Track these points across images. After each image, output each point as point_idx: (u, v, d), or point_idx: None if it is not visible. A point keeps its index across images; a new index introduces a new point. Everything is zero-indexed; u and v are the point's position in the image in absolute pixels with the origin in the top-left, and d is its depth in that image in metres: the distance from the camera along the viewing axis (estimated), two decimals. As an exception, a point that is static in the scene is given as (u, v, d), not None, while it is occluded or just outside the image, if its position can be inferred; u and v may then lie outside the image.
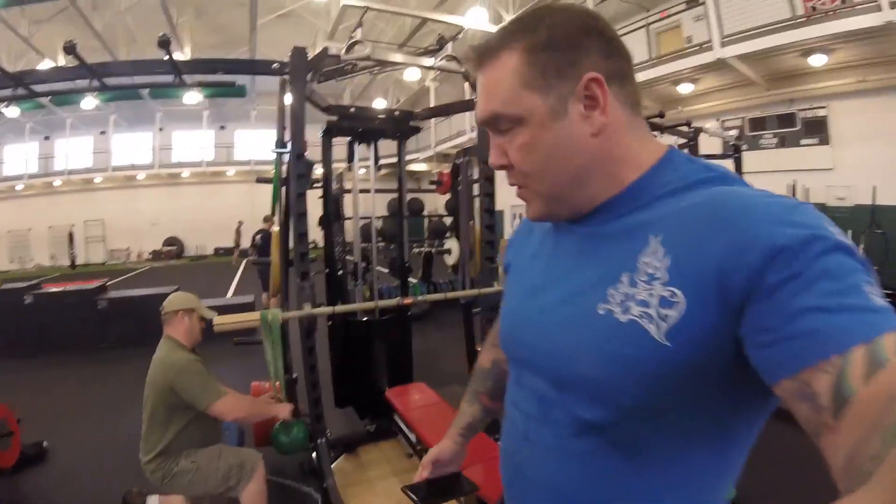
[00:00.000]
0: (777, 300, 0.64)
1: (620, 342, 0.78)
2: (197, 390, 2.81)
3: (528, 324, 0.98)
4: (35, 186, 25.15)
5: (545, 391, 0.92)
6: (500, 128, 0.89)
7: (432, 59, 3.95)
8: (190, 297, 3.20)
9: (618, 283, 0.81)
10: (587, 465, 0.86)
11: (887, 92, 9.77)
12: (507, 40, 0.86)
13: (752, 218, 0.70)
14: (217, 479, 2.88)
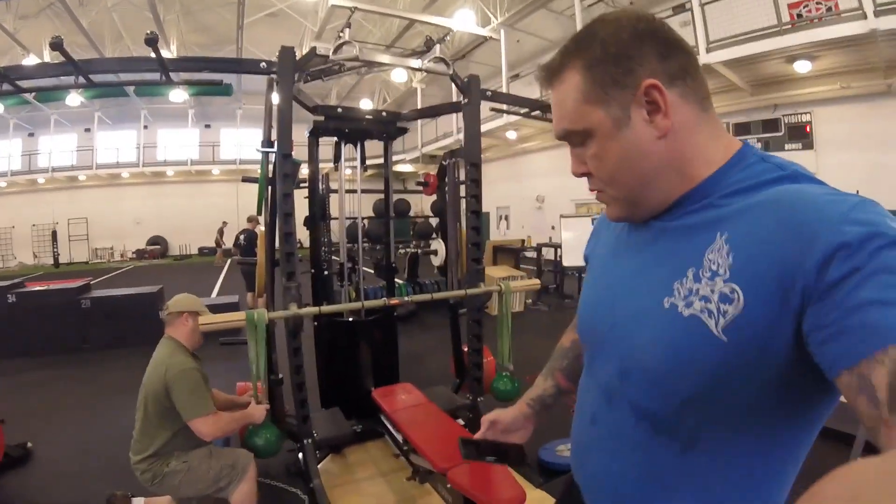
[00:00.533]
0: (837, 295, 0.65)
1: (681, 335, 0.82)
2: (187, 401, 2.79)
3: (602, 314, 1.04)
4: (18, 184, 24.87)
5: (611, 379, 0.99)
6: (573, 141, 0.96)
7: (420, 61, 3.95)
8: (194, 299, 3.17)
9: (684, 277, 0.85)
10: (643, 451, 0.91)
11: (870, 98, 9.91)
12: (567, 59, 0.91)
13: (814, 218, 0.71)
14: (208, 480, 2.87)
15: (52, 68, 3.29)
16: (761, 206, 0.79)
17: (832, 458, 2.08)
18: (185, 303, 3.10)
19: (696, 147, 0.90)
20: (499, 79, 15.92)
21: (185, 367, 2.86)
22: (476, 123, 4.08)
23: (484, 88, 4.18)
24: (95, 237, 26.28)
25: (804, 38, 8.88)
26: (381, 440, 4.18)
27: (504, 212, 22.24)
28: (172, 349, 2.98)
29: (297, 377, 3.50)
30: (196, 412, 2.80)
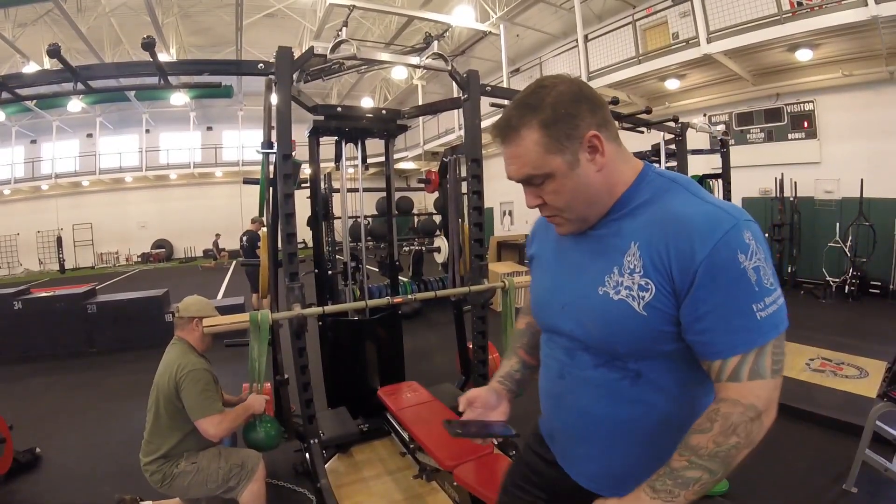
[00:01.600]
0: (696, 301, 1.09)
1: (613, 313, 1.20)
2: (195, 400, 2.80)
3: (555, 298, 1.38)
4: (22, 191, 24.93)
5: (569, 344, 1.36)
6: (533, 182, 1.25)
7: (419, 58, 3.94)
8: (206, 303, 3.18)
9: (611, 273, 1.22)
10: (606, 387, 1.28)
11: (873, 86, 9.86)
12: (522, 120, 1.19)
13: (690, 235, 1.10)
14: (217, 480, 2.87)
15: (51, 75, 3.29)
16: (658, 222, 1.17)
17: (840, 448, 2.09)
18: (195, 308, 3.10)
19: (617, 173, 1.25)
20: (499, 74, 15.88)
21: (196, 366, 2.87)
22: (476, 119, 4.07)
23: (484, 84, 4.16)
24: (100, 242, 26.35)
25: (805, 27, 8.83)
26: (388, 439, 4.19)
27: (507, 207, 22.17)
28: (183, 350, 2.99)
29: (303, 377, 3.49)
30: (204, 412, 2.80)
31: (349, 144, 4.59)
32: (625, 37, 12.51)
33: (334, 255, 6.49)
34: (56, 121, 24.43)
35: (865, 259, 9.48)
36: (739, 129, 12.21)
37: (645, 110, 5.86)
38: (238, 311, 7.83)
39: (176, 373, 2.83)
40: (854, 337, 6.73)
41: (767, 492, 3.51)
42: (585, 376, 1.31)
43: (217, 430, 2.83)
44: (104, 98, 21.00)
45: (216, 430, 2.82)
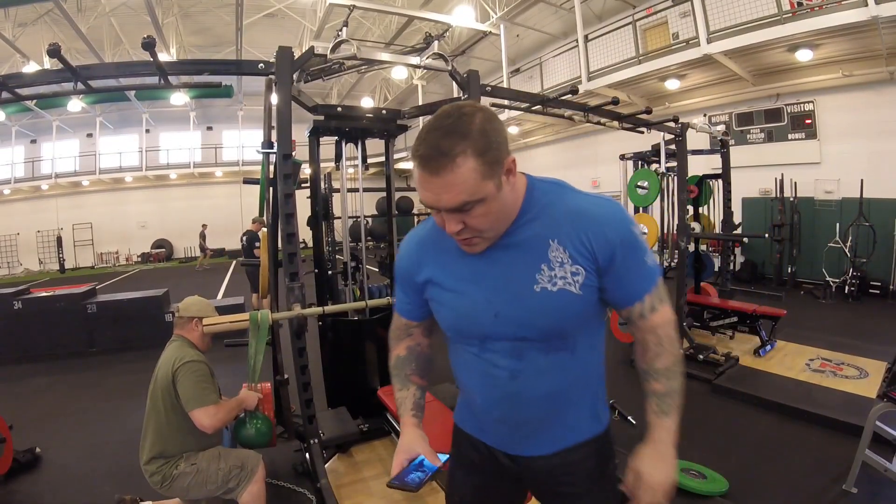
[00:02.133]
0: (617, 268, 1.37)
1: (558, 301, 1.37)
2: (191, 390, 2.80)
3: (483, 314, 1.45)
4: (22, 191, 24.88)
5: (513, 347, 1.45)
6: (462, 209, 1.27)
7: (419, 58, 3.94)
8: (206, 304, 3.18)
9: (540, 270, 1.38)
10: (555, 365, 1.45)
11: (873, 86, 9.87)
12: (455, 148, 1.20)
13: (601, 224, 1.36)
14: (217, 481, 2.87)
15: (51, 75, 3.29)
16: (568, 215, 1.39)
17: (840, 448, 2.09)
18: (196, 308, 3.11)
19: (519, 188, 1.41)
20: (499, 74, 15.88)
21: (192, 358, 2.89)
22: (476, 119, 4.07)
23: (484, 84, 4.17)
24: (100, 242, 26.31)
25: (805, 27, 8.84)
26: (388, 438, 4.19)
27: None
28: (182, 345, 3.00)
29: (303, 377, 3.50)
30: (199, 402, 2.80)
31: (349, 144, 4.59)
32: (625, 37, 12.52)
33: (334, 255, 6.49)
34: (56, 121, 24.40)
35: (865, 259, 9.49)
36: (739, 129, 12.21)
37: (645, 110, 5.86)
38: (238, 310, 7.83)
39: (173, 365, 2.84)
40: (854, 337, 6.73)
41: (767, 492, 3.51)
42: (539, 367, 1.45)
43: (212, 421, 2.82)
44: (104, 98, 20.98)
45: (211, 421, 2.82)
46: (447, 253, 1.50)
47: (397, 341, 1.75)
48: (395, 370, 1.73)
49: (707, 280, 7.52)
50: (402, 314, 1.69)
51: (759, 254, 12.01)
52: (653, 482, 1.44)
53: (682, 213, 6.26)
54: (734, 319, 6.60)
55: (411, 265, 1.58)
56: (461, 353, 1.59)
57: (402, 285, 1.65)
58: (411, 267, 1.58)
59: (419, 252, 1.57)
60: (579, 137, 17.52)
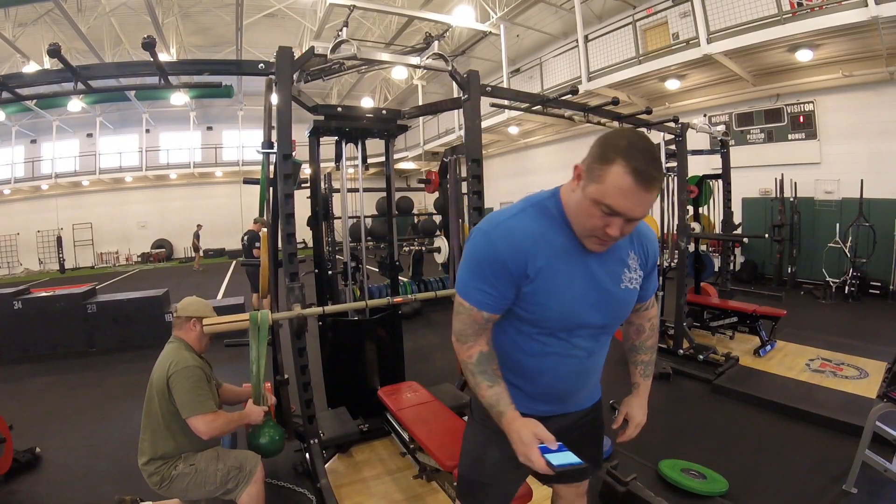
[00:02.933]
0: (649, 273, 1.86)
1: (631, 297, 1.77)
2: (185, 397, 2.78)
3: (584, 303, 1.66)
4: (22, 191, 24.87)
5: (595, 332, 1.75)
6: None
7: (419, 58, 3.94)
8: (204, 304, 3.17)
9: (624, 272, 1.73)
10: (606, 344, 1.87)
11: (873, 86, 9.87)
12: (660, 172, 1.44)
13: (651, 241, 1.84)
14: (216, 482, 2.86)
15: (51, 75, 3.29)
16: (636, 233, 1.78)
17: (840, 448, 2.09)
18: (193, 308, 3.10)
19: None
20: (499, 74, 15.88)
21: (187, 364, 2.85)
22: (476, 119, 4.07)
23: (484, 84, 4.16)
24: (100, 242, 26.32)
25: (805, 27, 8.83)
26: (388, 439, 4.19)
27: (507, 207, 22.17)
28: (178, 347, 2.98)
29: (303, 377, 3.50)
30: (195, 409, 2.78)
31: (349, 144, 4.60)
32: (625, 37, 12.51)
33: (334, 255, 6.49)
34: (56, 121, 24.40)
35: (865, 259, 9.49)
36: (739, 129, 12.22)
37: (645, 111, 5.86)
38: (238, 311, 7.83)
39: (168, 370, 2.81)
40: (854, 337, 6.73)
41: (767, 492, 3.51)
42: (603, 347, 1.83)
43: (208, 429, 2.81)
44: (104, 98, 20.99)
45: (207, 429, 2.80)
46: (558, 247, 1.62)
47: (475, 337, 1.72)
48: (479, 367, 1.71)
49: (707, 280, 7.52)
50: (485, 308, 1.65)
51: (759, 254, 12.01)
52: (640, 421, 1.97)
53: (682, 213, 6.27)
54: (734, 319, 6.60)
55: (519, 255, 1.58)
56: (535, 341, 1.72)
57: (495, 277, 1.61)
58: (519, 257, 1.58)
59: (532, 243, 1.59)
60: (579, 137, 17.51)
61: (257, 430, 3.25)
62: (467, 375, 1.75)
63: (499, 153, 22.30)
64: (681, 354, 6.18)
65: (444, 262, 7.48)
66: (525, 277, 1.59)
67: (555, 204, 1.64)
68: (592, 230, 1.53)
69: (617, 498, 3.36)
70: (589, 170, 1.48)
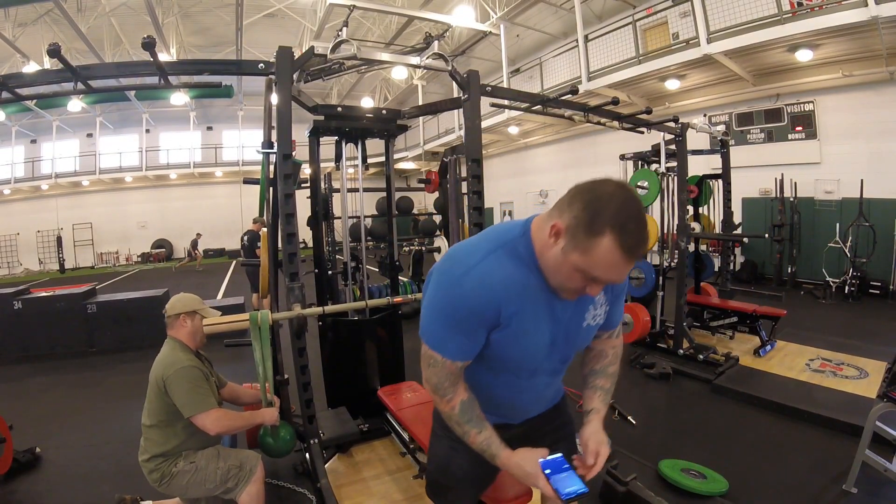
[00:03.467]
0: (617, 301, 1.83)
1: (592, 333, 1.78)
2: (185, 398, 2.76)
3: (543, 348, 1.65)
4: (22, 191, 24.89)
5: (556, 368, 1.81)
6: None
7: (419, 58, 3.94)
8: (192, 298, 3.13)
9: (589, 309, 1.69)
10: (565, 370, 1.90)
11: (873, 86, 9.88)
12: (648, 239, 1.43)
13: None
14: (215, 480, 2.85)
15: (51, 75, 3.29)
16: None
17: (840, 448, 2.09)
18: (181, 304, 3.06)
19: None
20: (499, 74, 15.89)
21: (182, 365, 2.83)
22: (476, 119, 4.06)
23: (484, 84, 4.16)
24: (100, 242, 26.34)
25: (805, 27, 8.84)
26: (388, 439, 4.19)
27: (507, 207, 22.20)
28: (172, 348, 2.96)
29: (303, 377, 3.50)
30: (197, 408, 2.77)
31: (349, 144, 4.59)
32: (625, 37, 12.52)
33: (334, 255, 6.49)
34: (56, 121, 24.41)
35: (865, 259, 9.49)
36: (739, 129, 12.22)
37: (645, 110, 5.87)
38: (238, 311, 7.83)
39: (163, 373, 2.79)
40: (854, 337, 6.73)
41: (767, 492, 3.51)
42: (562, 373, 1.91)
43: (215, 426, 2.80)
44: (104, 98, 20.99)
45: (214, 426, 2.79)
46: (528, 292, 1.54)
47: (453, 388, 1.66)
48: (463, 416, 1.67)
49: (707, 280, 7.53)
50: (457, 358, 1.60)
51: (759, 254, 12.01)
52: (605, 453, 1.69)
53: (682, 213, 6.27)
54: (734, 319, 6.61)
55: (493, 303, 1.51)
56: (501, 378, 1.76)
57: (469, 327, 1.55)
58: (492, 305, 1.51)
59: (504, 290, 1.51)
60: (579, 137, 17.52)
61: (271, 430, 3.26)
62: (452, 426, 1.71)
63: (499, 153, 22.31)
64: (681, 354, 6.18)
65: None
66: (497, 325, 1.55)
67: (525, 245, 1.53)
68: (570, 289, 1.49)
69: (617, 498, 3.36)
70: (573, 236, 1.36)
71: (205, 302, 3.23)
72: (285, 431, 3.33)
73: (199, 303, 3.12)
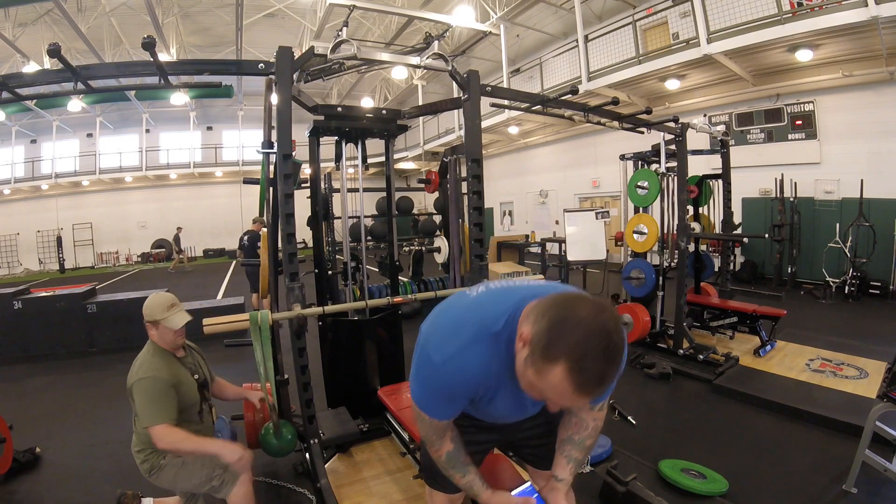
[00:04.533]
0: None
1: None
2: (140, 408, 2.76)
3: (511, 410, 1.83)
4: (22, 191, 24.89)
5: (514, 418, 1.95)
6: None
7: (419, 58, 3.94)
8: (156, 304, 3.02)
9: None
10: None
11: (873, 86, 9.88)
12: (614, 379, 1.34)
13: None
14: (201, 477, 2.84)
15: (51, 75, 3.29)
16: None
17: (840, 448, 2.09)
18: (147, 311, 2.99)
19: None
20: (499, 74, 15.89)
21: (147, 375, 2.80)
22: (476, 119, 4.06)
23: (484, 84, 4.16)
24: (100, 242, 26.33)
25: (805, 27, 8.84)
26: (388, 438, 4.19)
27: (507, 207, 22.21)
28: (146, 351, 2.95)
29: (303, 377, 3.50)
30: (149, 420, 2.73)
31: (349, 144, 4.59)
32: (625, 37, 12.52)
33: (334, 255, 6.49)
34: (56, 120, 24.41)
35: (865, 259, 9.49)
36: (739, 129, 12.22)
37: (645, 111, 5.87)
38: (238, 311, 7.83)
39: (130, 379, 2.81)
40: (854, 337, 6.74)
41: (767, 492, 3.51)
42: None
43: (161, 442, 2.74)
44: (104, 98, 21.00)
45: (160, 440, 2.74)
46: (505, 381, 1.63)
47: (440, 439, 1.86)
48: (449, 463, 1.89)
49: (707, 280, 7.53)
50: (442, 418, 1.79)
51: (759, 254, 12.01)
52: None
53: (682, 213, 6.27)
54: (734, 319, 6.61)
55: (470, 386, 1.67)
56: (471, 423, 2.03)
57: (452, 399, 1.73)
58: (469, 387, 1.67)
59: (484, 377, 1.63)
60: (579, 137, 17.53)
61: (272, 433, 3.27)
62: (440, 467, 1.94)
63: (499, 153, 22.31)
64: (681, 354, 6.18)
65: (444, 262, 7.48)
66: (474, 399, 1.73)
67: (507, 339, 1.53)
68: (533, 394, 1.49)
69: (617, 498, 3.36)
70: (532, 353, 1.34)
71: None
72: (287, 431, 3.34)
73: (163, 310, 3.00)
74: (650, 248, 6.50)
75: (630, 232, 6.68)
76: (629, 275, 6.76)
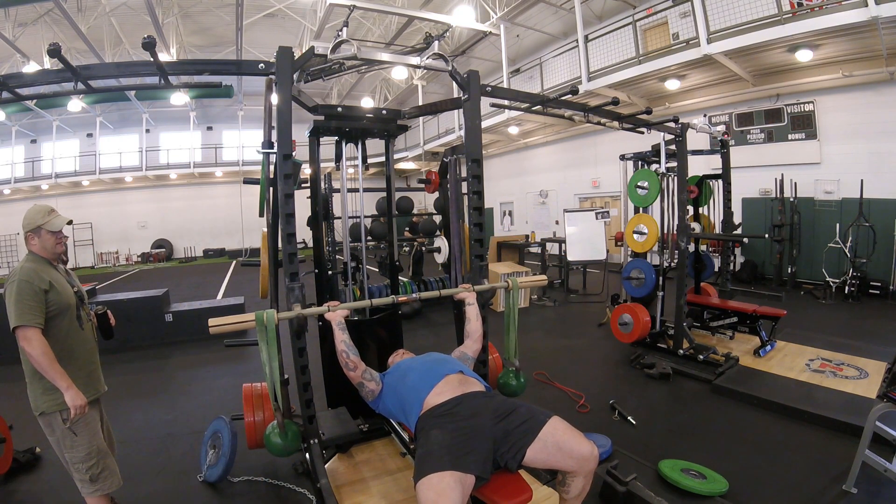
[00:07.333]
0: None
1: None
2: (10, 306, 2.78)
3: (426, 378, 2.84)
4: (22, 191, 24.87)
5: None
6: None
7: (419, 58, 3.93)
8: (35, 212, 3.17)
9: None
10: None
11: (873, 86, 9.88)
12: None
13: None
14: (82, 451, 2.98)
15: (51, 75, 3.29)
16: None
17: (840, 448, 2.09)
18: (26, 222, 3.13)
19: None
20: (499, 74, 15.89)
21: (20, 278, 2.85)
22: (476, 119, 4.06)
23: (484, 84, 4.16)
24: (100, 242, 26.33)
25: (805, 27, 8.84)
26: (388, 438, 4.18)
27: (507, 207, 22.20)
28: (23, 260, 3.04)
29: (303, 377, 3.50)
30: (17, 320, 2.78)
31: (349, 144, 4.59)
32: (625, 37, 12.51)
33: (334, 255, 6.49)
34: (56, 120, 24.41)
35: (865, 260, 9.50)
36: (739, 129, 12.23)
37: (645, 111, 5.87)
38: (238, 311, 7.82)
39: (8, 276, 2.87)
40: (854, 337, 6.74)
41: (767, 492, 3.51)
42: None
43: (27, 344, 2.87)
44: (104, 98, 20.99)
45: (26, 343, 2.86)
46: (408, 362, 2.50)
47: None
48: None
49: (707, 280, 7.53)
50: None
51: (759, 254, 12.01)
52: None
53: (682, 213, 6.27)
54: (734, 320, 6.61)
55: None
56: None
57: None
58: None
59: None
60: (579, 137, 17.53)
61: (275, 432, 3.27)
62: None
63: (499, 153, 22.30)
64: (681, 354, 6.17)
65: (444, 262, 7.48)
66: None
67: None
68: None
69: (617, 498, 3.36)
70: None
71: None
72: (289, 430, 3.33)
73: (44, 215, 3.17)
74: (650, 249, 6.50)
75: (630, 232, 6.67)
76: (629, 275, 6.75)
